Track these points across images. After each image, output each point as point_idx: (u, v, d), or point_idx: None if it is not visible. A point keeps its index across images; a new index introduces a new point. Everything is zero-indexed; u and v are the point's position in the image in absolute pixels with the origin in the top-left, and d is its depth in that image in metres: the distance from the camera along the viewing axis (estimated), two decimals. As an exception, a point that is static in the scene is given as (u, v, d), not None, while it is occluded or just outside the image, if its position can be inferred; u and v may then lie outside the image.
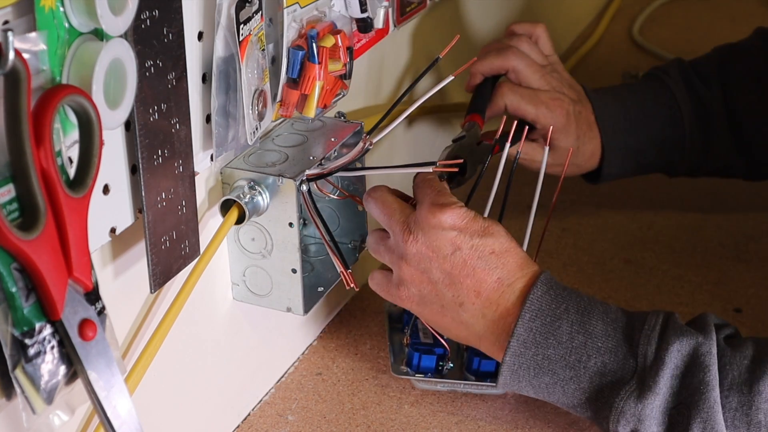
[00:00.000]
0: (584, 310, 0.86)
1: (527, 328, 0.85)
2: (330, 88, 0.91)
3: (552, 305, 0.85)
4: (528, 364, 0.85)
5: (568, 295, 0.86)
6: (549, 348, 0.85)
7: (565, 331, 0.85)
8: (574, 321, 0.85)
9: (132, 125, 0.72)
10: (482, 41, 1.40)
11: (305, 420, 0.98)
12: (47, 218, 0.60)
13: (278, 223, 0.89)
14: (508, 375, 0.87)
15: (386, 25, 1.03)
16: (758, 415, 0.81)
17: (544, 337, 0.85)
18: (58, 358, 0.63)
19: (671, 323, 0.85)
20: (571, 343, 0.85)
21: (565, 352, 0.85)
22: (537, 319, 0.85)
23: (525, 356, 0.85)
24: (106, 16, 0.64)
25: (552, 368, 0.85)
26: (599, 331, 0.85)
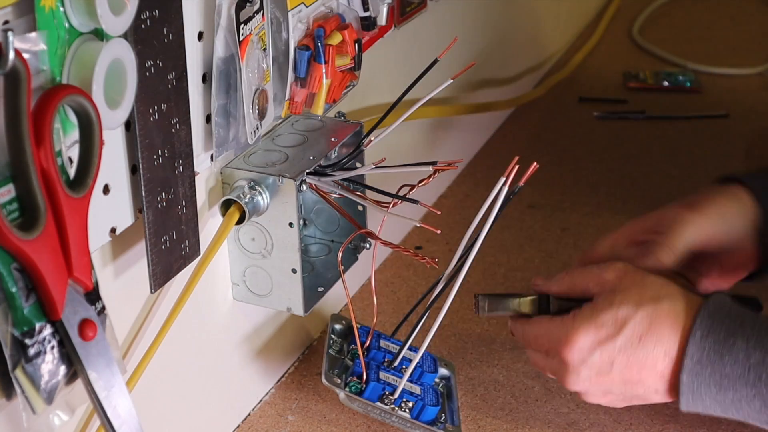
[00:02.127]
0: (760, 326, 0.82)
1: (700, 346, 0.82)
2: (338, 83, 0.91)
3: (725, 321, 0.82)
4: (707, 381, 0.82)
5: (744, 312, 0.83)
6: (726, 366, 0.81)
7: (741, 348, 0.81)
8: (749, 336, 0.81)
9: (132, 125, 0.72)
10: (482, 42, 1.40)
11: (305, 420, 0.98)
12: (47, 218, 0.60)
13: (278, 223, 0.89)
14: (689, 395, 0.83)
15: (390, 22, 1.03)
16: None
17: (718, 355, 0.82)
18: (58, 358, 0.63)
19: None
20: (749, 360, 0.81)
21: (743, 370, 0.81)
22: (710, 337, 0.82)
23: (702, 375, 0.82)
24: (106, 16, 0.64)
25: (732, 386, 0.82)
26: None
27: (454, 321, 1.11)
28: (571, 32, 1.81)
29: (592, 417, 0.98)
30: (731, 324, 0.82)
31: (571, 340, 0.85)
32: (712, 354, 0.82)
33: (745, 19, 1.91)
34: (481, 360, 1.06)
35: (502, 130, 1.51)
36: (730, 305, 0.85)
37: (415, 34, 1.18)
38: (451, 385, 0.97)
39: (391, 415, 0.89)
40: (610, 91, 1.63)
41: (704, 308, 0.83)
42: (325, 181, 0.89)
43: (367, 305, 1.11)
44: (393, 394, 0.89)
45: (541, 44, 1.68)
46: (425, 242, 1.23)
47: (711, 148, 1.46)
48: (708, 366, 0.82)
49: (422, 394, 0.90)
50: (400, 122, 0.90)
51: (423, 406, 0.89)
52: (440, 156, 1.27)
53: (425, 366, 0.95)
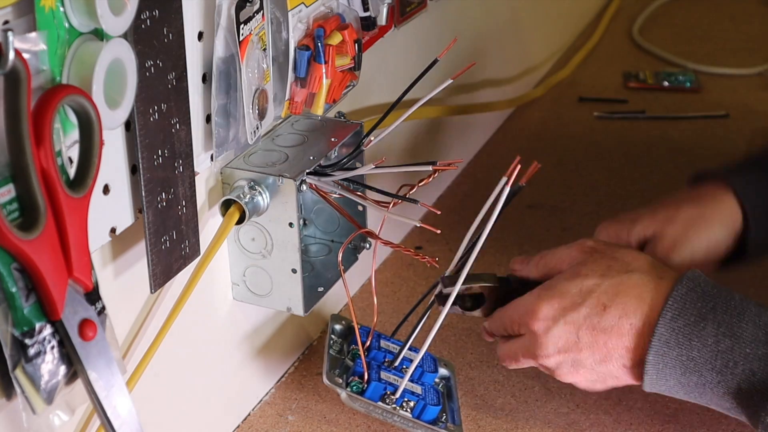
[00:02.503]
0: (734, 311, 0.81)
1: (669, 327, 0.81)
2: (338, 83, 0.91)
3: (697, 303, 0.81)
4: (673, 363, 0.81)
5: (718, 293, 0.82)
6: (693, 350, 0.81)
7: (711, 334, 0.80)
8: (721, 322, 0.80)
9: (132, 125, 0.72)
10: (482, 42, 1.40)
11: (305, 420, 0.98)
12: (47, 218, 0.60)
13: (278, 223, 0.89)
14: (653, 374, 0.82)
15: (390, 22, 1.03)
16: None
17: (687, 338, 0.81)
18: (58, 358, 0.63)
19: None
20: (717, 346, 0.80)
21: (711, 356, 0.80)
22: (680, 319, 0.81)
23: (669, 356, 0.81)
24: (106, 16, 0.64)
25: (698, 370, 0.81)
26: (749, 336, 0.80)
27: (454, 321, 1.11)
28: (571, 32, 1.81)
29: (592, 417, 0.98)
30: (703, 307, 0.81)
31: (536, 309, 0.85)
32: (681, 337, 0.81)
33: (745, 19, 1.91)
34: (481, 360, 1.06)
35: (502, 130, 1.51)
36: (704, 285, 0.83)
37: (415, 34, 1.18)
38: (451, 385, 0.97)
39: (392, 414, 0.89)
40: (610, 91, 1.63)
41: (677, 288, 0.82)
42: (325, 181, 0.89)
43: (367, 305, 1.11)
44: (394, 394, 0.89)
45: (541, 44, 1.68)
46: (425, 242, 1.23)
47: (711, 148, 1.46)
48: (675, 348, 0.81)
49: (423, 394, 0.90)
50: (400, 122, 0.90)
51: (424, 405, 0.89)
52: (440, 156, 1.28)
53: (425, 366, 0.95)
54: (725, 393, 0.81)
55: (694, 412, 0.99)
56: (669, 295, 0.82)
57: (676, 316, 0.81)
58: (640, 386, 0.87)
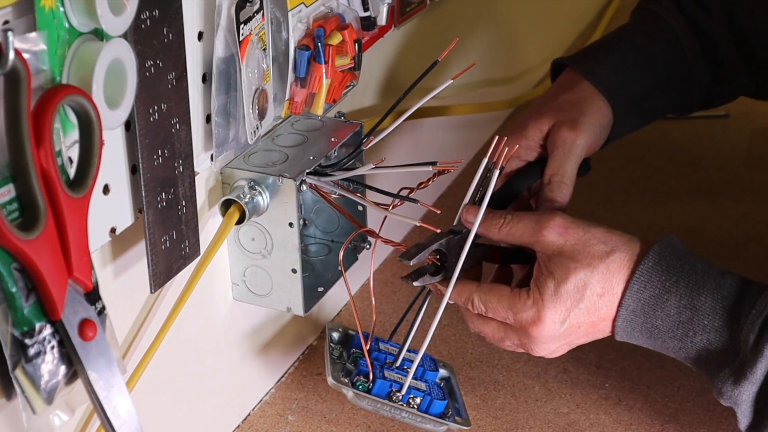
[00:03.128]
0: (695, 284, 0.85)
1: (636, 298, 0.85)
2: (338, 83, 0.91)
3: (662, 277, 0.85)
4: (640, 329, 0.86)
5: (682, 266, 0.86)
6: (657, 319, 0.85)
7: (673, 305, 0.85)
8: (683, 295, 0.85)
9: (132, 125, 0.72)
10: (482, 42, 1.40)
11: (305, 420, 0.98)
12: (47, 218, 0.60)
13: (278, 223, 0.89)
14: (623, 334, 0.87)
15: (390, 22, 1.03)
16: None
17: (652, 308, 0.85)
18: (58, 358, 0.63)
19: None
20: (679, 317, 0.85)
21: (672, 326, 0.85)
22: (645, 290, 0.85)
23: (635, 323, 0.86)
24: (106, 16, 0.64)
25: (661, 336, 0.86)
26: (707, 309, 0.84)
27: (453, 321, 1.11)
28: (570, 32, 1.81)
29: (592, 417, 0.98)
30: (667, 280, 0.85)
31: (543, 320, 0.86)
32: (647, 307, 0.85)
33: (745, 19, 1.91)
34: (481, 360, 1.06)
35: (502, 130, 1.51)
36: (671, 255, 0.86)
37: (415, 34, 1.18)
38: (452, 384, 0.97)
39: (400, 410, 0.89)
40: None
41: (644, 261, 0.86)
42: (325, 181, 0.89)
43: (367, 305, 1.11)
44: (400, 391, 0.89)
45: (541, 44, 1.68)
46: (425, 242, 1.23)
47: (711, 148, 1.46)
48: (641, 316, 0.86)
49: (428, 390, 0.91)
50: (400, 122, 0.90)
51: (431, 400, 0.90)
52: (440, 156, 1.28)
53: (426, 365, 0.95)
54: (686, 358, 0.86)
55: (694, 412, 0.99)
56: (636, 267, 0.85)
57: (641, 287, 0.85)
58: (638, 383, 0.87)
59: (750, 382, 0.81)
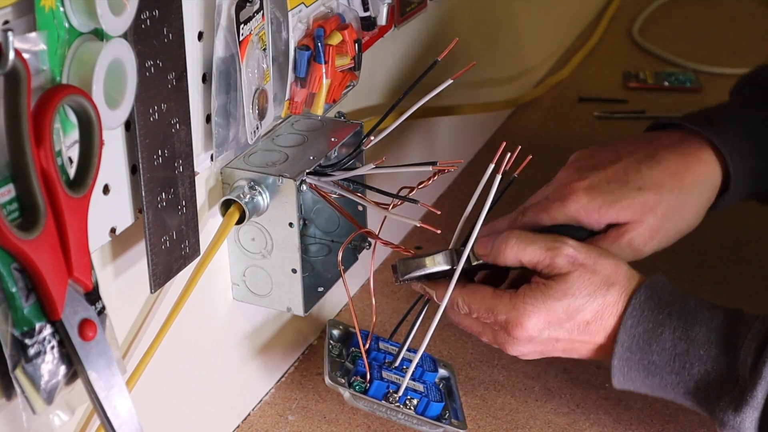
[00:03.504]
0: (687, 316, 0.85)
1: (630, 334, 0.85)
2: (338, 83, 0.91)
3: (654, 311, 0.85)
4: (637, 367, 0.86)
5: (674, 299, 0.86)
6: (653, 354, 0.85)
7: (668, 338, 0.85)
8: (676, 327, 0.85)
9: (132, 125, 0.72)
10: (482, 42, 1.40)
11: (305, 420, 0.98)
12: (47, 218, 0.60)
13: (278, 223, 0.89)
14: (620, 377, 0.87)
15: (390, 22, 1.03)
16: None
17: (647, 343, 0.85)
18: (58, 358, 0.63)
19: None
20: (674, 350, 0.85)
21: (669, 359, 0.85)
22: (639, 326, 0.85)
23: (632, 360, 0.86)
24: (106, 16, 0.64)
25: (659, 373, 0.85)
26: (702, 339, 0.84)
27: (454, 321, 1.11)
28: (571, 32, 1.81)
29: (592, 417, 0.98)
30: (660, 313, 0.85)
31: (522, 323, 0.86)
32: (641, 342, 0.85)
33: (745, 19, 1.91)
34: (481, 360, 1.06)
35: (502, 130, 1.51)
36: (661, 292, 0.86)
37: (415, 34, 1.18)
38: (451, 385, 0.97)
39: (397, 412, 0.89)
40: (610, 91, 1.63)
41: (636, 297, 0.86)
42: (325, 181, 0.89)
43: (366, 305, 1.11)
44: (397, 392, 0.89)
45: (541, 44, 1.68)
46: (425, 242, 1.23)
47: (711, 148, 1.46)
48: (637, 353, 0.85)
49: (426, 391, 0.91)
50: (400, 122, 0.90)
51: (428, 402, 0.89)
52: (440, 156, 1.28)
53: (425, 366, 0.95)
54: (685, 392, 0.86)
55: (694, 412, 0.99)
56: (629, 304, 0.86)
57: (635, 323, 0.85)
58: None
59: (751, 407, 0.81)
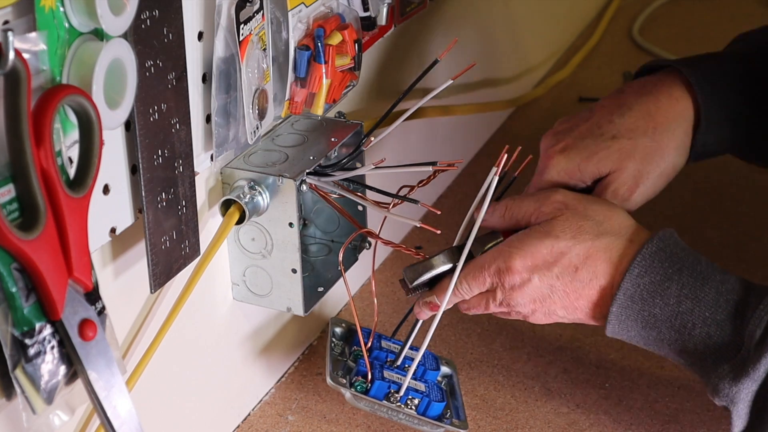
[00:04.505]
0: (699, 275, 0.83)
1: (635, 283, 0.83)
2: (338, 83, 0.91)
3: (665, 264, 0.83)
4: (635, 317, 0.84)
5: (686, 256, 0.84)
6: (656, 307, 0.83)
7: (674, 294, 0.82)
8: (685, 284, 0.82)
9: (132, 125, 0.72)
10: (482, 42, 1.40)
11: (305, 420, 0.98)
12: (47, 218, 0.60)
13: (278, 223, 0.89)
14: (616, 324, 0.85)
15: (390, 22, 1.03)
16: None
17: (651, 295, 0.83)
18: (58, 358, 0.63)
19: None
20: (678, 307, 0.82)
21: (671, 315, 0.83)
22: (646, 276, 0.83)
23: (632, 309, 0.84)
24: (106, 16, 0.64)
25: (658, 326, 0.83)
26: (710, 300, 0.82)
27: (453, 321, 1.11)
28: (571, 32, 1.81)
29: (592, 417, 0.98)
30: (670, 267, 0.83)
31: (510, 265, 0.85)
32: (645, 293, 0.83)
33: (745, 19, 1.91)
34: (481, 360, 1.06)
35: (502, 130, 1.51)
36: (673, 247, 0.84)
37: (415, 34, 1.18)
38: (453, 382, 0.97)
39: (398, 412, 0.89)
40: (610, 91, 1.63)
41: (647, 246, 0.84)
42: (325, 181, 0.89)
43: (367, 305, 1.12)
44: (398, 392, 0.89)
45: (541, 44, 1.68)
46: (425, 242, 1.23)
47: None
48: (639, 302, 0.83)
49: (427, 391, 0.91)
50: (400, 122, 0.90)
51: (429, 402, 0.90)
52: (440, 156, 1.28)
53: (427, 364, 0.95)
54: (681, 351, 0.84)
55: (694, 412, 0.99)
56: (638, 252, 0.83)
57: (642, 273, 0.83)
58: (638, 383, 0.86)
59: (751, 379, 0.79)
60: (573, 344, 1.08)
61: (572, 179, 0.94)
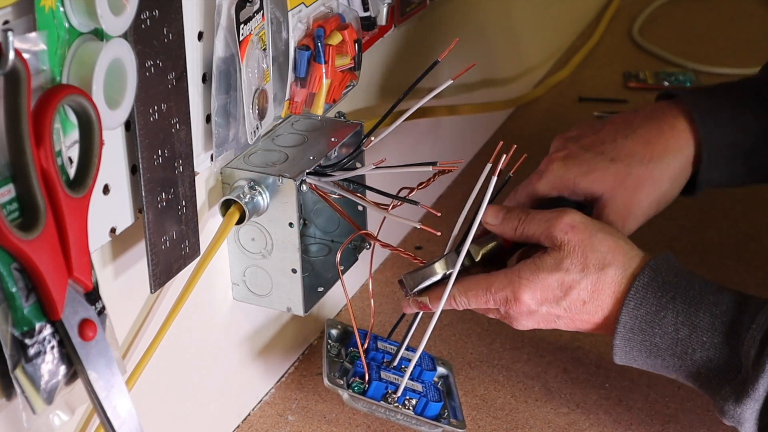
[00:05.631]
0: (692, 301, 0.84)
1: (632, 315, 0.85)
2: (338, 83, 0.91)
3: (657, 293, 0.84)
4: (639, 347, 0.85)
5: (679, 282, 0.85)
6: (655, 337, 0.84)
7: (670, 322, 0.84)
8: (680, 311, 0.84)
9: (132, 125, 0.72)
10: (482, 42, 1.40)
11: (305, 420, 0.98)
12: (47, 218, 0.60)
13: (278, 223, 0.89)
14: (622, 355, 0.87)
15: (390, 22, 1.03)
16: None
17: (649, 325, 0.84)
18: (58, 358, 0.63)
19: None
20: (677, 334, 0.84)
21: (671, 343, 0.84)
22: (641, 308, 0.85)
23: (634, 341, 0.85)
24: (106, 16, 0.64)
25: (661, 355, 0.85)
26: (705, 325, 0.83)
27: (453, 321, 1.11)
28: (571, 32, 1.81)
29: (592, 417, 0.98)
30: (663, 296, 0.84)
31: (519, 298, 0.86)
32: (644, 324, 0.85)
33: (745, 19, 1.91)
34: (481, 360, 1.06)
35: (502, 130, 1.51)
36: (666, 272, 0.86)
37: (415, 34, 1.18)
38: (450, 383, 0.97)
39: (395, 412, 0.89)
40: (610, 91, 1.63)
41: (639, 278, 0.85)
42: (325, 181, 0.89)
43: (366, 305, 1.12)
44: (396, 393, 0.89)
45: (541, 44, 1.68)
46: (425, 243, 1.23)
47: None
48: (639, 334, 0.85)
49: (424, 391, 0.91)
50: (400, 122, 0.90)
51: (426, 402, 0.89)
52: (440, 156, 1.28)
53: (424, 365, 0.95)
54: (687, 376, 0.85)
55: (694, 412, 0.99)
56: (632, 285, 0.85)
57: (638, 305, 0.85)
58: (638, 383, 0.86)
59: (752, 399, 0.81)
60: (573, 344, 1.08)
61: (566, 189, 0.95)
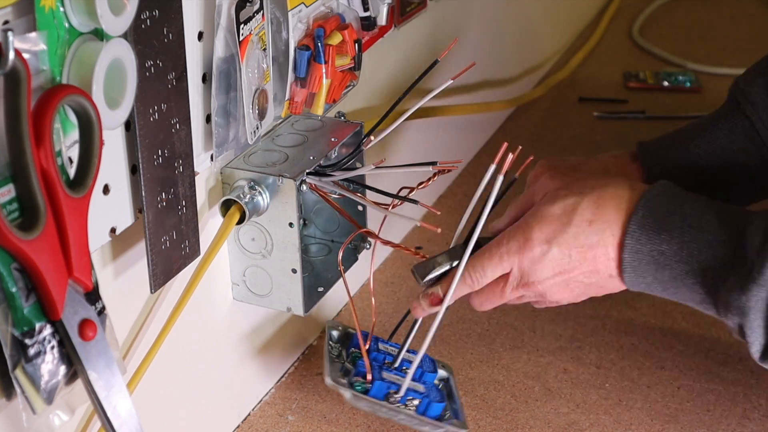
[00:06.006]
0: (700, 206, 0.84)
1: (640, 224, 0.84)
2: (338, 83, 0.91)
3: (666, 201, 0.84)
4: (647, 260, 0.84)
5: (687, 195, 0.85)
6: (662, 243, 0.83)
7: (677, 226, 0.83)
8: (686, 215, 0.84)
9: (132, 125, 0.72)
10: (482, 42, 1.41)
11: (305, 420, 0.98)
12: (47, 218, 0.60)
13: (278, 223, 0.89)
14: (631, 272, 0.85)
15: (390, 22, 1.03)
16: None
17: (656, 232, 0.83)
18: (58, 358, 0.63)
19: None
20: (683, 237, 0.83)
21: (678, 247, 0.83)
22: (650, 216, 0.84)
23: (642, 252, 0.84)
24: (106, 16, 0.64)
25: (669, 263, 0.84)
26: (712, 225, 0.83)
27: (453, 321, 1.11)
28: (571, 32, 1.81)
29: (592, 417, 0.98)
30: (671, 204, 0.84)
31: (529, 237, 0.85)
32: (651, 232, 0.84)
33: (745, 19, 1.91)
34: (481, 360, 1.06)
35: (502, 130, 1.52)
36: (675, 189, 0.86)
37: (415, 34, 1.18)
38: (450, 385, 0.97)
39: (398, 412, 0.89)
40: (610, 91, 1.63)
41: (650, 190, 0.85)
42: (325, 181, 0.89)
43: (367, 305, 1.11)
44: (398, 393, 0.89)
45: (542, 44, 1.68)
46: (426, 242, 1.23)
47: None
48: (647, 243, 0.84)
49: (426, 392, 0.91)
50: (400, 122, 0.90)
51: (429, 402, 0.89)
52: (440, 156, 1.28)
53: (425, 366, 0.95)
54: (694, 282, 0.83)
55: (694, 412, 0.99)
56: (641, 197, 0.85)
57: (646, 214, 0.84)
58: (638, 383, 0.85)
59: (758, 285, 0.79)
60: (573, 344, 1.08)
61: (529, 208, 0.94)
